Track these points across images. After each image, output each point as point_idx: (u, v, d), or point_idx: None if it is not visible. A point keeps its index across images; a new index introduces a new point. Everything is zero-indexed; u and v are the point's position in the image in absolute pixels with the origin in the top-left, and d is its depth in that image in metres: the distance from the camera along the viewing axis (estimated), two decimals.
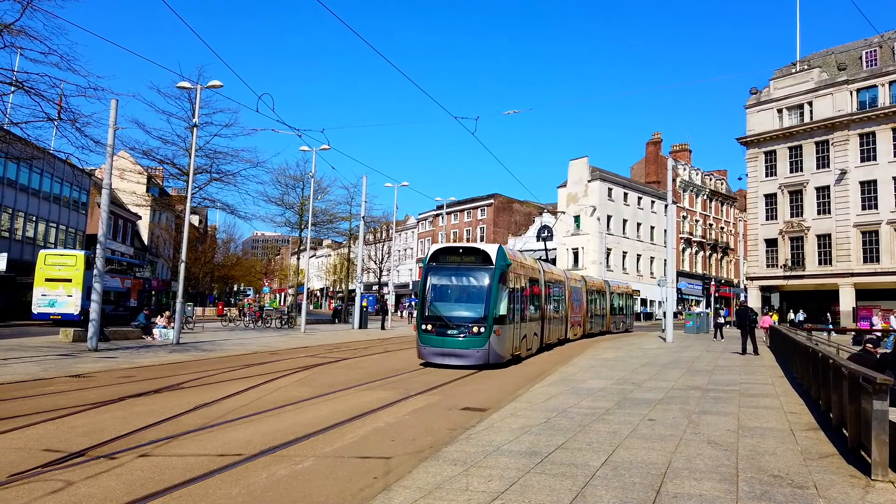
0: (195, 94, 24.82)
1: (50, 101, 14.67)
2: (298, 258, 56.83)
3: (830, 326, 35.29)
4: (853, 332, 30.05)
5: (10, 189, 38.51)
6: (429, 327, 15.83)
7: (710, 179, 78.32)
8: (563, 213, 65.99)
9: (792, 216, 45.28)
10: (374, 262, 74.61)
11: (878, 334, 22.34)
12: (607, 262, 63.05)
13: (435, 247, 17.03)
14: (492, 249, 16.34)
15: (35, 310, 30.92)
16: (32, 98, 14.32)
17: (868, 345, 11.10)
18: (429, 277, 16.41)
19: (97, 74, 32.44)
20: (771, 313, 40.00)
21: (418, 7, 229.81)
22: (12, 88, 14.49)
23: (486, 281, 15.85)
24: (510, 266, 16.67)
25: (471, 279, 16.14)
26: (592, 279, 34.55)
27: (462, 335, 15.48)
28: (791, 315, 40.99)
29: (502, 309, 15.88)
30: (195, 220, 78.91)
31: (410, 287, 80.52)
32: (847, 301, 41.60)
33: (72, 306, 30.55)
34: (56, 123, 15.42)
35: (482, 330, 15.39)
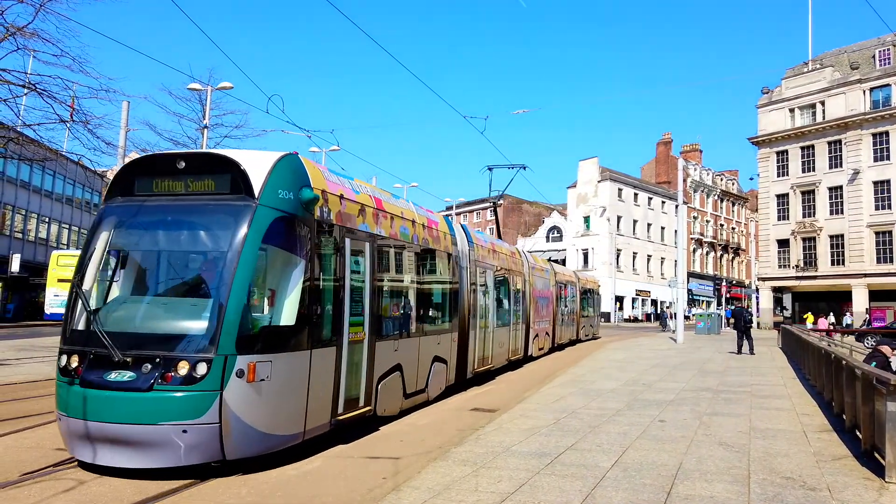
0: (206, 96, 24.92)
1: (62, 102, 14.77)
2: None
3: (871, 327, 35.07)
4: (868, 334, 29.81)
5: (23, 190, 38.91)
6: (73, 364, 6.13)
7: (722, 179, 77.89)
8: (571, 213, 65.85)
9: (804, 216, 44.91)
10: None
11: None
12: (617, 263, 62.83)
13: (127, 160, 8.10)
14: (256, 163, 6.54)
15: (48, 310, 31.21)
16: (45, 100, 14.42)
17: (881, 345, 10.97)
18: (97, 234, 7.12)
19: (109, 76, 32.95)
20: (808, 315, 39.92)
21: (427, 7, 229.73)
22: (25, 90, 14.61)
23: (230, 237, 6.25)
24: (312, 203, 6.82)
25: (195, 235, 6.74)
26: (562, 270, 27.22)
27: (145, 384, 5.73)
28: (831, 318, 40.54)
29: (286, 311, 6.43)
30: None
31: None
32: (860, 302, 41.19)
33: None
34: (68, 125, 15.53)
35: (201, 370, 5.77)
